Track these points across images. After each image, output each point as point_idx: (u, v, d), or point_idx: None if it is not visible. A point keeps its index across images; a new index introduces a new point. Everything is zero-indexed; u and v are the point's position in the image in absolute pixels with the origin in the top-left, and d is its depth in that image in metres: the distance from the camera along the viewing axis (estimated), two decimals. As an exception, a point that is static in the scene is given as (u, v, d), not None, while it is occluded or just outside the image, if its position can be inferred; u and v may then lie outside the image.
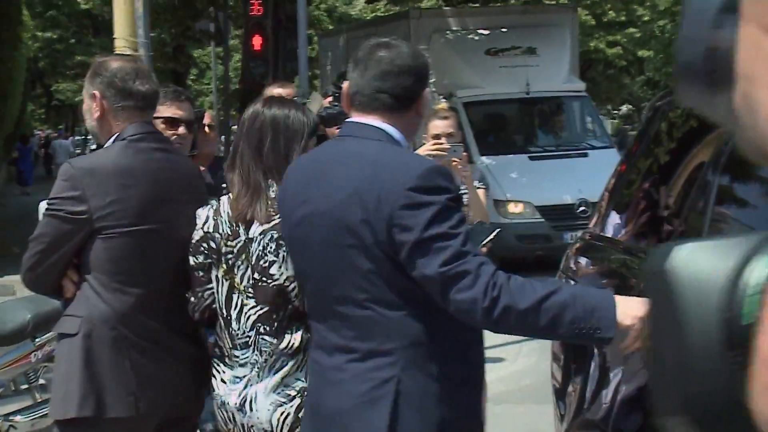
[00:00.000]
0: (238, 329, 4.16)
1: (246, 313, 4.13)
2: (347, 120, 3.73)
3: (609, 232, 4.99)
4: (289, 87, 7.54)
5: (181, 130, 5.44)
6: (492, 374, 10.08)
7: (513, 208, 16.43)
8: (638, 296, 3.48)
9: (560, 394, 4.90)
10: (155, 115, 5.24)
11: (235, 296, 4.17)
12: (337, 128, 6.12)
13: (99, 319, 4.34)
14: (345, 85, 3.74)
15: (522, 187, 16.61)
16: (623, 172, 5.06)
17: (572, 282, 4.98)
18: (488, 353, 10.64)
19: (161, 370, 4.50)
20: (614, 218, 5.03)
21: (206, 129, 7.14)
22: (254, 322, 4.12)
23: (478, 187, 7.25)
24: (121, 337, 4.40)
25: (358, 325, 3.48)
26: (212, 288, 4.25)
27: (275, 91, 7.29)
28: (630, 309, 3.33)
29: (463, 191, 6.97)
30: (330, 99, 8.03)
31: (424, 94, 3.67)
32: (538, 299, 3.28)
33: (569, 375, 4.81)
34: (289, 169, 3.85)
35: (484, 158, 17.19)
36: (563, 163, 17.19)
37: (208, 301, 4.30)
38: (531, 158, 17.57)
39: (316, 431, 3.67)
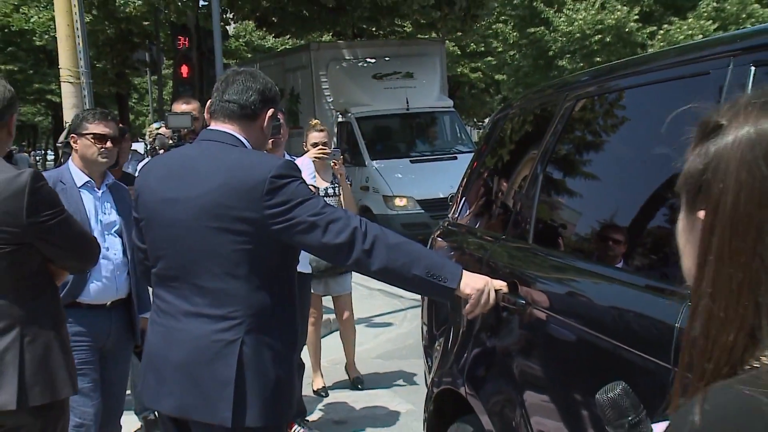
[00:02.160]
0: None
1: None
2: (206, 128, 3.72)
3: (461, 218, 5.00)
4: (193, 103, 7.46)
5: (108, 144, 5.31)
6: (382, 336, 10.17)
7: (398, 202, 16.59)
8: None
9: (428, 351, 4.89)
10: (85, 132, 5.24)
11: None
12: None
13: None
14: (208, 102, 3.74)
15: (405, 185, 16.77)
16: (474, 168, 5.05)
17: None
18: (379, 319, 10.78)
19: None
20: (465, 206, 5.03)
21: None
22: None
23: (348, 182, 7.92)
24: None
25: (210, 294, 3.45)
26: None
27: (181, 107, 7.25)
28: (473, 281, 3.43)
29: (336, 185, 7.59)
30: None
31: (268, 113, 3.66)
32: (404, 240, 3.46)
33: (434, 337, 4.79)
34: (151, 162, 3.83)
35: (374, 162, 17.42)
36: (437, 165, 17.31)
37: None
38: (412, 161, 17.71)
39: (161, 380, 3.57)
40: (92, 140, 5.26)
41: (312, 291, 7.61)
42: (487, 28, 31.73)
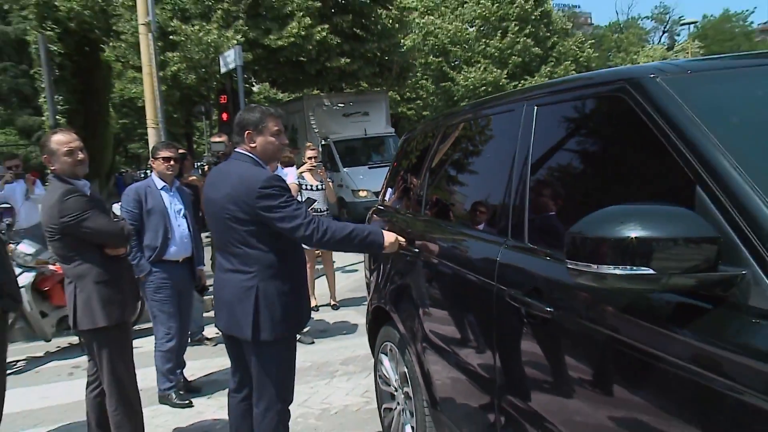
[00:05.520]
0: None
1: None
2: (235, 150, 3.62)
3: (387, 201, 5.00)
4: (223, 135, 7.51)
5: (172, 163, 5.39)
6: (352, 277, 10.20)
7: (361, 193, 16.49)
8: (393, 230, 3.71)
9: (368, 283, 4.89)
10: (160, 155, 5.32)
11: None
12: None
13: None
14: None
15: (365, 182, 16.64)
16: (395, 167, 5.04)
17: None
18: (350, 267, 10.77)
19: None
20: (389, 192, 5.03)
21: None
22: None
23: (329, 180, 8.08)
24: None
25: (238, 257, 3.43)
26: None
27: (215, 138, 7.29)
28: (389, 236, 3.57)
29: (322, 183, 7.46)
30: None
31: (246, 135, 3.48)
32: (346, 228, 3.45)
33: (371, 274, 4.80)
34: (210, 173, 3.75)
35: (345, 169, 17.32)
36: (385, 169, 17.13)
37: None
38: (369, 168, 17.52)
39: (218, 310, 3.60)
40: (163, 161, 5.37)
41: (306, 247, 7.67)
42: (415, 84, 31.66)
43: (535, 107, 2.63)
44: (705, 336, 1.67)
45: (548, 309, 2.19)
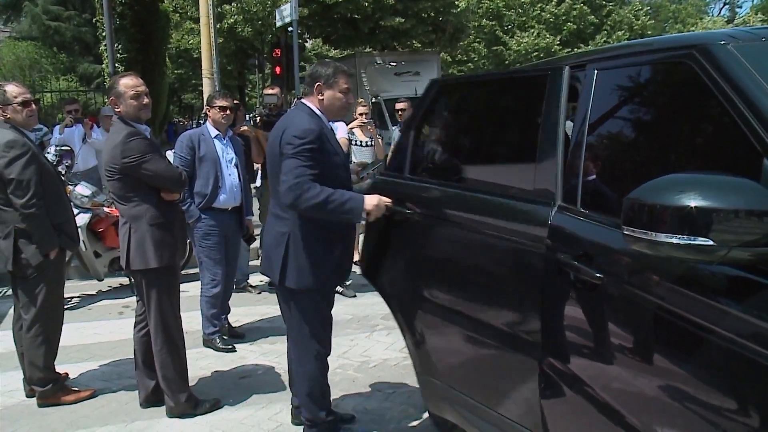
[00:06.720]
0: None
1: None
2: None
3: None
4: (276, 88, 7.46)
5: (227, 112, 5.40)
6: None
7: (409, 153, 16.36)
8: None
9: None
10: (214, 105, 5.28)
11: None
12: None
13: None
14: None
15: (413, 142, 16.52)
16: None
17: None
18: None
19: None
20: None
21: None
22: None
23: (379, 137, 7.86)
24: None
25: (278, 202, 3.47)
26: None
27: (267, 90, 7.25)
28: (370, 199, 3.36)
29: (371, 139, 7.38)
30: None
31: (315, 87, 3.45)
32: (325, 197, 3.22)
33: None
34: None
35: (394, 127, 17.05)
36: (433, 130, 17.04)
37: None
38: (418, 127, 17.38)
39: (262, 252, 3.65)
40: (218, 109, 5.36)
41: None
42: (467, 46, 31.19)
43: (596, 71, 2.52)
44: (760, 312, 1.60)
45: (598, 275, 2.13)
